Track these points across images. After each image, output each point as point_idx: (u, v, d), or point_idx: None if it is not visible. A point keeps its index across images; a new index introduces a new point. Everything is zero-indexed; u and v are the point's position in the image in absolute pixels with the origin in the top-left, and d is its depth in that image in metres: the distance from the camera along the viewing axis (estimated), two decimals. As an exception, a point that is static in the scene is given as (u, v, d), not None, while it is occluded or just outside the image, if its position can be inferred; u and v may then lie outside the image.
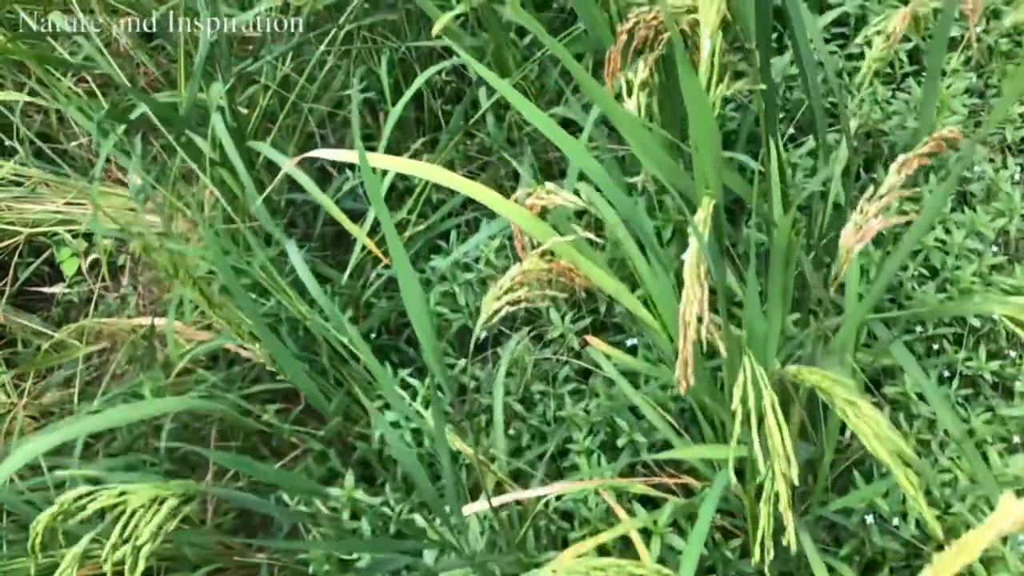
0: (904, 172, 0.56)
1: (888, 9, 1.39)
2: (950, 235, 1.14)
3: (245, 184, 1.22)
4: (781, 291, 0.68)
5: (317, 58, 1.49)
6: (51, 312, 1.95)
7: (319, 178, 1.64)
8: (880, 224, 0.55)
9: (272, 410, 1.38)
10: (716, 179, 0.62)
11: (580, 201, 0.65)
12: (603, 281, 0.67)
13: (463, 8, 0.93)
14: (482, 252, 1.17)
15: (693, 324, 0.55)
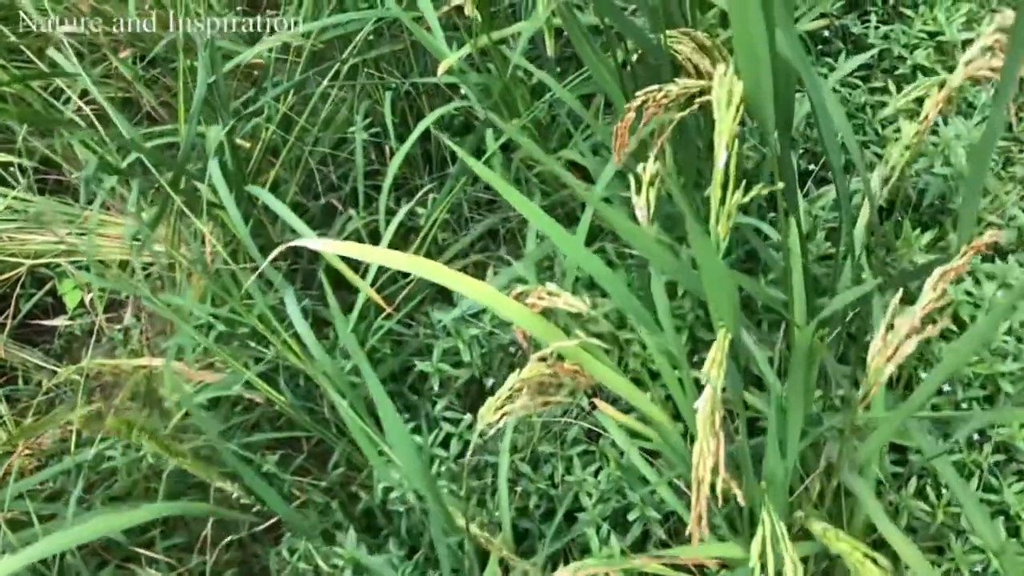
0: (941, 287, 0.51)
1: (917, 41, 1.34)
2: (980, 287, 1.08)
3: (241, 236, 1.18)
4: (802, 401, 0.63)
5: (320, 92, 1.45)
6: (53, 345, 1.92)
7: (324, 213, 1.60)
8: (914, 344, 0.50)
9: (273, 460, 1.34)
10: (732, 317, 0.57)
11: (583, 306, 0.60)
12: (614, 382, 0.62)
13: (468, 50, 0.88)
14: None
15: (707, 479, 0.50)
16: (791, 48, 0.66)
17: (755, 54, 0.55)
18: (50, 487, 1.62)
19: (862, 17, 1.47)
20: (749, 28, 0.54)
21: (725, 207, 0.54)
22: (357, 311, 1.22)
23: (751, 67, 0.55)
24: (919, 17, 1.34)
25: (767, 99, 0.56)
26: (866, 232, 0.99)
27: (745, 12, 0.53)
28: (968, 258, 0.55)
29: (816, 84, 0.73)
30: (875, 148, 1.28)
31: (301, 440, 1.43)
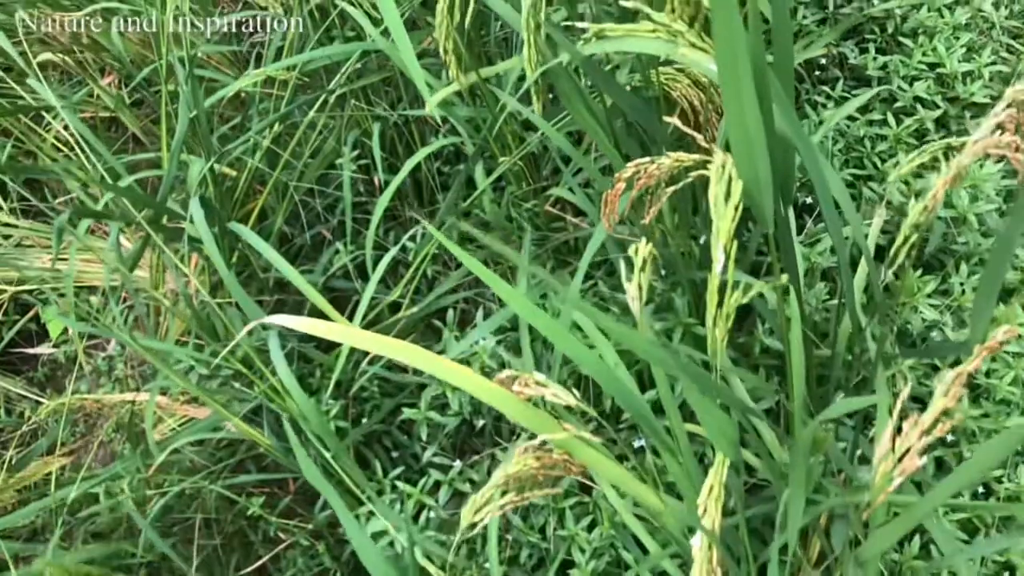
0: (953, 392, 0.48)
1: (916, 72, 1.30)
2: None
3: (223, 276, 1.14)
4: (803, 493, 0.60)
5: (308, 121, 1.41)
6: (36, 373, 1.89)
7: (313, 243, 1.56)
8: (921, 461, 0.47)
9: (258, 503, 1.30)
10: (731, 448, 0.54)
11: (572, 400, 0.57)
12: (607, 471, 0.59)
13: (454, 87, 0.85)
14: (479, 349, 1.09)
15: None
16: (792, 129, 0.62)
17: (752, 151, 0.51)
18: (32, 523, 1.58)
19: (860, 44, 1.44)
20: (745, 121, 0.51)
21: (723, 310, 0.51)
22: (344, 355, 1.18)
23: (747, 163, 0.52)
24: (918, 48, 1.31)
25: (766, 192, 0.53)
26: (865, 295, 0.96)
27: (740, 104, 0.50)
28: (982, 359, 0.52)
29: (823, 175, 0.69)
30: (873, 184, 1.25)
31: (288, 480, 1.40)
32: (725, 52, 0.50)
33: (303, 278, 1.16)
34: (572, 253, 1.31)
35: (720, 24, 0.49)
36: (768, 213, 0.54)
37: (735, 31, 0.50)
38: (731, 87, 0.52)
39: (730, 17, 0.49)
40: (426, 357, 0.59)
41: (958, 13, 1.35)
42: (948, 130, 1.30)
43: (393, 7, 0.75)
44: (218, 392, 1.27)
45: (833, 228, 0.72)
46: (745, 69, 0.50)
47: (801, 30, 1.46)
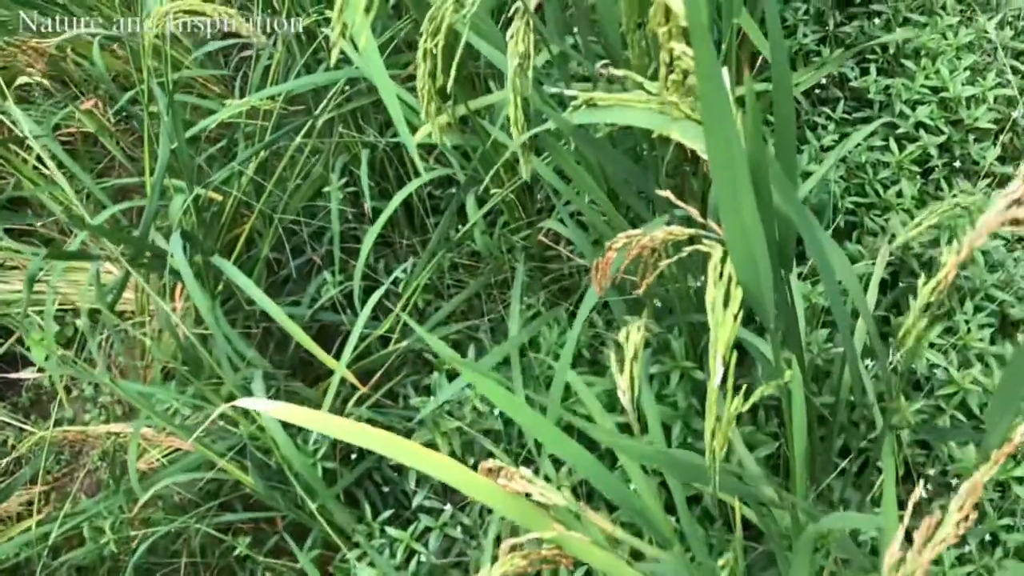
0: (968, 505, 0.45)
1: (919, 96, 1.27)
2: (990, 374, 1.02)
3: (205, 315, 1.11)
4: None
5: (295, 146, 1.37)
6: (21, 398, 1.85)
7: (302, 269, 1.52)
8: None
9: (245, 542, 1.27)
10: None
11: (561, 500, 0.54)
12: (602, 563, 0.56)
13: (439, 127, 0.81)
14: (468, 396, 1.06)
15: None
16: (794, 210, 0.58)
17: (751, 251, 0.48)
18: (15, 557, 1.55)
19: (861, 64, 1.41)
20: (741, 215, 0.47)
21: (723, 420, 0.48)
22: (332, 392, 1.15)
23: (747, 266, 0.48)
24: (921, 70, 1.28)
25: (766, 289, 0.49)
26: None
27: (736, 197, 0.46)
28: (998, 466, 0.49)
29: (825, 255, 0.64)
30: (875, 213, 1.21)
31: (276, 517, 1.37)
32: (718, 150, 0.46)
33: (288, 316, 1.12)
34: (567, 292, 1.27)
35: (711, 121, 0.45)
36: (768, 309, 0.51)
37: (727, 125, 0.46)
38: (726, 184, 0.48)
39: (722, 115, 0.45)
40: (408, 449, 0.56)
41: (961, 34, 1.31)
42: (952, 155, 1.27)
43: (375, 49, 0.72)
44: (203, 432, 1.24)
45: (838, 313, 0.68)
46: (742, 171, 0.46)
47: (801, 50, 1.42)
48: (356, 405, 1.24)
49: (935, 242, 1.11)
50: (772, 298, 0.50)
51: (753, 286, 0.48)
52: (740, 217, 0.47)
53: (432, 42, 0.64)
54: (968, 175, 1.28)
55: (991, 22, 1.34)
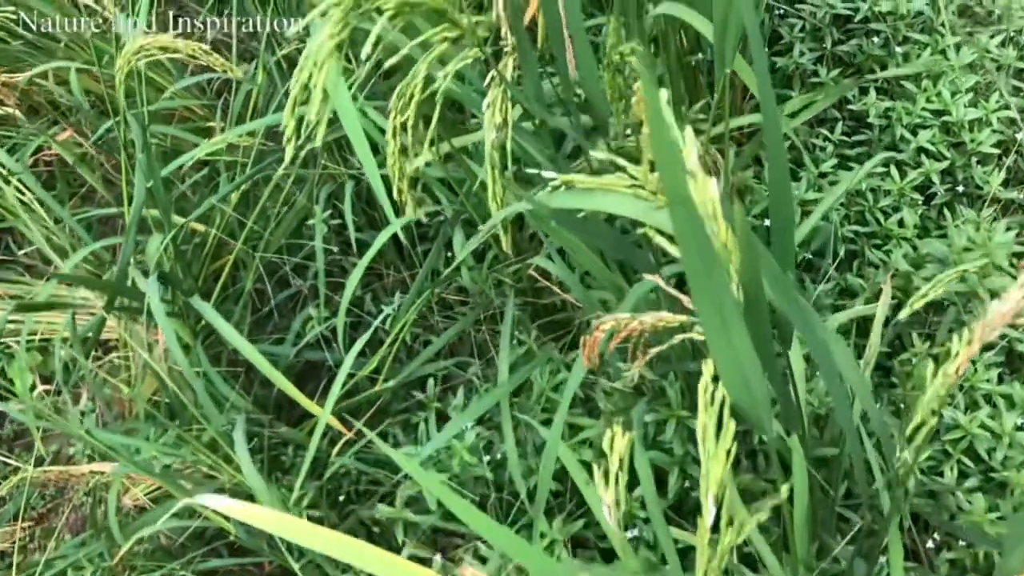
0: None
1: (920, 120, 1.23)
2: (998, 416, 0.98)
3: (182, 364, 1.07)
4: None
5: (278, 176, 1.33)
6: (3, 430, 1.81)
7: (286, 304, 1.49)
8: None
9: (231, 593, 1.24)
10: None
11: None
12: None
13: (411, 217, 0.77)
14: (454, 447, 1.02)
15: None
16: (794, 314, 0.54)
17: (744, 376, 0.44)
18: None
19: (860, 83, 1.37)
20: (732, 346, 0.43)
21: (717, 556, 0.44)
22: (316, 439, 1.11)
23: (740, 388, 0.44)
24: (922, 93, 1.23)
25: (763, 409, 0.45)
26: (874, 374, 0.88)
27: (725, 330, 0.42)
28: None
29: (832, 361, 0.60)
30: (876, 243, 1.17)
31: (263, 563, 1.33)
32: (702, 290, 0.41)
33: (272, 354, 1.08)
34: (559, 325, 1.24)
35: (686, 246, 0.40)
36: (767, 424, 0.47)
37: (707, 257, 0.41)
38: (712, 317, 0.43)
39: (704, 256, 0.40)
40: (369, 555, 0.52)
41: (963, 53, 1.27)
42: (954, 179, 1.23)
43: (351, 109, 0.67)
44: (184, 478, 1.20)
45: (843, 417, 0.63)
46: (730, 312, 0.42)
47: (797, 69, 1.38)
48: (343, 449, 1.20)
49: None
50: (770, 416, 0.46)
51: (748, 406, 0.45)
52: (731, 349, 0.43)
53: (401, 119, 0.61)
54: (972, 200, 1.24)
55: (993, 40, 1.30)
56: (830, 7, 1.35)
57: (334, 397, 1.08)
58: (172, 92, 1.32)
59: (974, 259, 1.01)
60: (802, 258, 1.24)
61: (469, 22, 0.59)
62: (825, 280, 1.20)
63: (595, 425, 1.07)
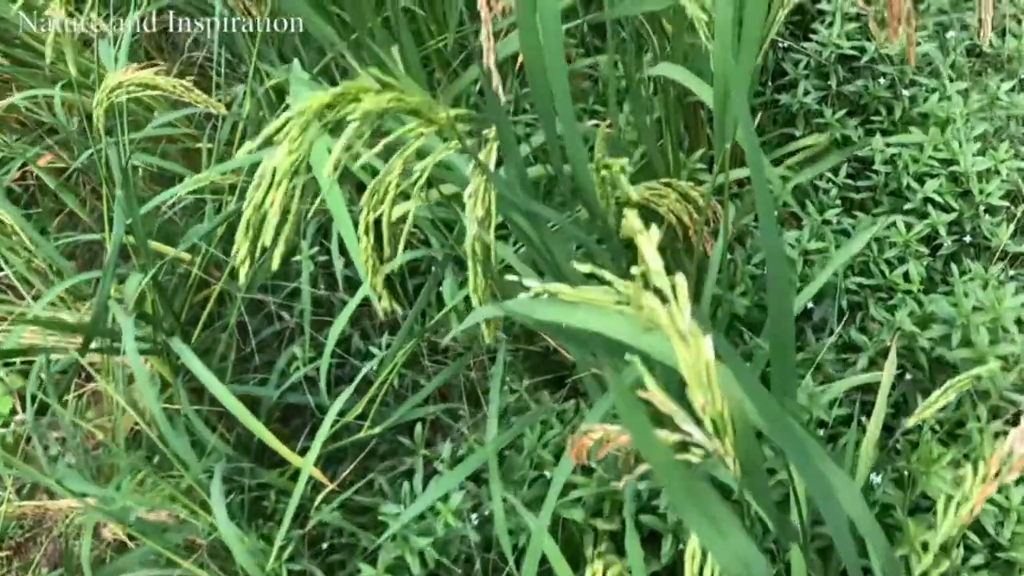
0: None
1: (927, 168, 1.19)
2: (1005, 489, 0.94)
3: (158, 419, 1.03)
4: None
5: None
6: (-16, 454, 1.77)
7: (272, 340, 1.44)
8: None
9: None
10: None
11: None
12: None
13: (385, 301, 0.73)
14: (440, 509, 0.98)
15: None
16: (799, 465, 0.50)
17: (743, 566, 0.40)
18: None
19: (865, 124, 1.33)
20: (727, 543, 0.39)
21: None
22: (299, 489, 1.07)
23: (737, 569, 0.41)
24: (930, 142, 1.20)
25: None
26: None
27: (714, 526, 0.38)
28: None
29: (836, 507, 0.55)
30: (880, 295, 1.14)
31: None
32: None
33: (251, 401, 1.05)
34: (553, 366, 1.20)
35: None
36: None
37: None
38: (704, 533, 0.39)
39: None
40: None
41: (972, 99, 1.23)
42: (962, 230, 1.19)
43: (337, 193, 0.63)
44: (160, 525, 1.16)
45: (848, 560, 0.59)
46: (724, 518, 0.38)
47: (802, 108, 1.34)
48: (328, 495, 1.16)
49: (946, 337, 1.03)
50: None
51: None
52: (726, 549, 0.40)
53: (374, 215, 0.57)
54: (979, 251, 1.20)
55: (1004, 86, 1.26)
56: (836, 47, 1.31)
57: (316, 450, 1.04)
58: (153, 126, 1.28)
59: (982, 321, 0.97)
60: (804, 306, 1.20)
61: (447, 116, 0.55)
62: (827, 334, 1.16)
63: (589, 484, 1.03)
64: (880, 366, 1.11)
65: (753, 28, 0.59)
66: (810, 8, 1.49)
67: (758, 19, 0.59)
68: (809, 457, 0.50)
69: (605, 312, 0.46)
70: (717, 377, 0.37)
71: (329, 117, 0.52)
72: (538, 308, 0.51)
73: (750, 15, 0.59)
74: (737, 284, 1.18)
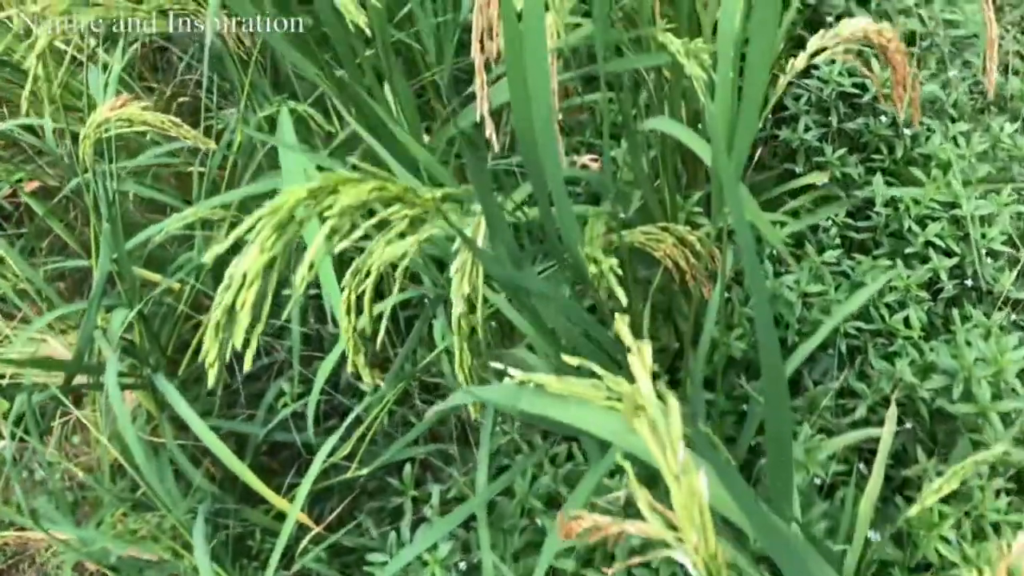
0: None
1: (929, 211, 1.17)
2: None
3: (139, 462, 1.00)
4: None
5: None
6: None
7: (262, 372, 1.42)
8: None
9: None
10: None
11: None
12: None
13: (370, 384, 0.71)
14: (427, 559, 0.96)
15: None
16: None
17: None
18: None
19: (866, 163, 1.31)
20: None
21: None
22: (285, 533, 1.04)
23: None
24: (931, 182, 1.18)
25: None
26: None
27: None
28: None
29: None
30: (881, 342, 1.12)
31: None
32: None
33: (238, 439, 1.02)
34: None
35: None
36: None
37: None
38: None
39: None
40: None
41: (975, 141, 1.22)
42: (963, 274, 1.17)
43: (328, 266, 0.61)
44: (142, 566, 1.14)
45: None
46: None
47: (802, 145, 1.33)
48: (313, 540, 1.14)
49: (947, 389, 1.01)
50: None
51: None
52: None
53: (357, 292, 0.55)
54: (981, 295, 1.18)
55: (1007, 127, 1.24)
56: (838, 84, 1.29)
57: (302, 496, 1.01)
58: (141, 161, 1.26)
59: (984, 375, 0.95)
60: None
61: (432, 198, 0.53)
62: (825, 377, 1.14)
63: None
64: (879, 414, 1.09)
65: (754, 96, 0.57)
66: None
67: (760, 86, 0.57)
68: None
69: (593, 407, 0.44)
70: (711, 521, 0.35)
71: (305, 213, 0.50)
72: (523, 398, 0.49)
73: (751, 83, 0.57)
74: (735, 326, 1.16)
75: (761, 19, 0.56)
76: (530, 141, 0.60)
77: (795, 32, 1.46)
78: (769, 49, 0.57)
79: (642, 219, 1.00)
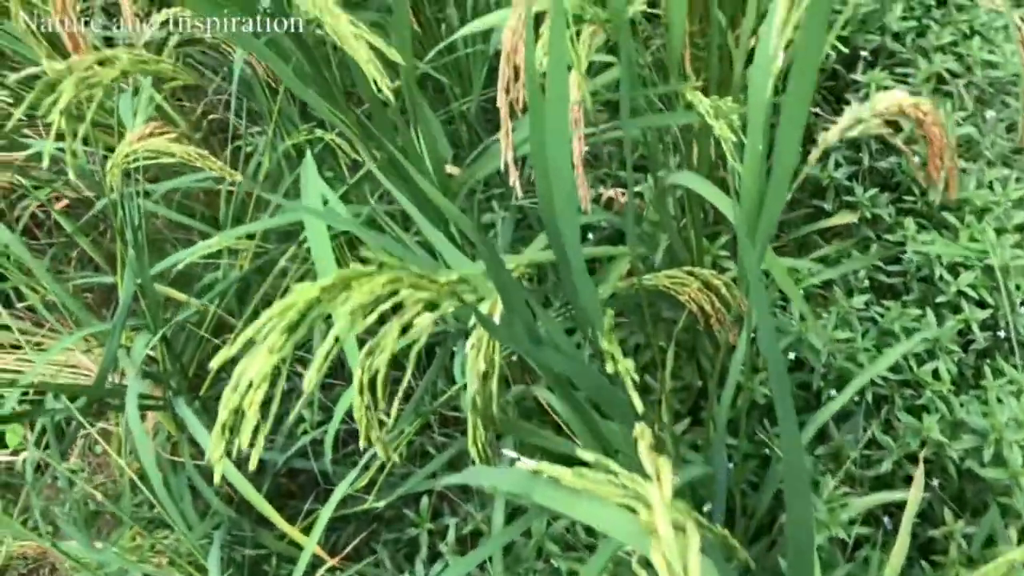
0: None
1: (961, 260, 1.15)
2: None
3: (158, 494, 1.01)
4: None
5: (279, 270, 1.27)
6: (-11, 484, 1.76)
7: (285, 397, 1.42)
8: None
9: None
10: None
11: None
12: None
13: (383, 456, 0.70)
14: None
15: None
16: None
17: None
18: None
19: (897, 203, 1.29)
20: None
21: None
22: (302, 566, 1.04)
23: None
24: (965, 228, 1.15)
25: None
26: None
27: None
28: None
29: None
30: (909, 393, 1.10)
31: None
32: None
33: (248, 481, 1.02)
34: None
35: None
36: None
37: None
38: None
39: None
40: None
41: (1011, 188, 1.19)
42: (995, 325, 1.14)
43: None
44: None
45: None
46: None
47: (831, 183, 1.31)
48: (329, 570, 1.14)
49: (977, 449, 0.99)
50: None
51: None
52: None
53: (370, 373, 0.54)
54: (1013, 348, 1.16)
55: (1046, 173, 1.22)
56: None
57: (319, 530, 1.01)
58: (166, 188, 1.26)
59: (1016, 440, 0.93)
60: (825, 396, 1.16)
61: (447, 283, 0.52)
62: (850, 425, 1.12)
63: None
64: (905, 468, 1.07)
65: (784, 172, 0.56)
66: (844, 75, 1.45)
67: (791, 158, 0.56)
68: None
69: (608, 506, 0.43)
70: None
71: (313, 315, 0.49)
72: (536, 489, 0.48)
73: (782, 157, 0.56)
74: (760, 369, 1.15)
75: (796, 91, 0.54)
76: (555, 233, 0.59)
77: (828, 66, 1.44)
78: (802, 123, 0.55)
79: (667, 260, 0.99)
